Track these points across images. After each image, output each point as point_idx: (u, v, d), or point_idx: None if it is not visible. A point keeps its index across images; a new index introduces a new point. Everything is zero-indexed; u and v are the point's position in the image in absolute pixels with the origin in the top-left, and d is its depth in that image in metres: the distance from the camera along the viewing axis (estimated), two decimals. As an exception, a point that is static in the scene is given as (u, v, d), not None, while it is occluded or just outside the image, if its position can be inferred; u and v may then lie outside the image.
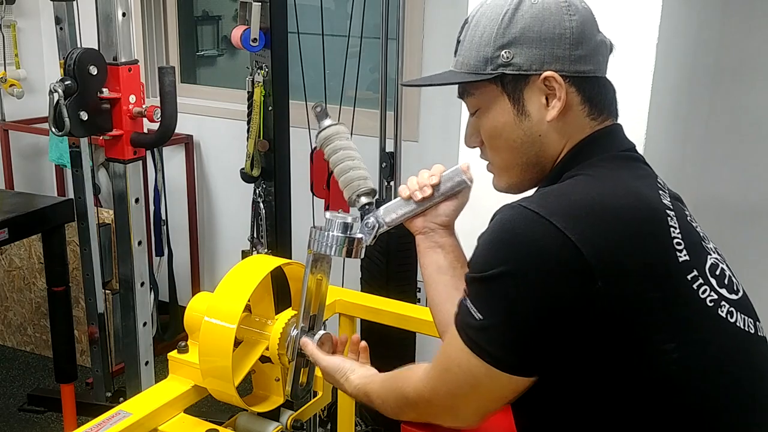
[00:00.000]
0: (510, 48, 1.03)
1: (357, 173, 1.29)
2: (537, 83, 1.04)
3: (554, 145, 1.07)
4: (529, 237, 0.92)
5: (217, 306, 1.30)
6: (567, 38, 1.03)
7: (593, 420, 0.97)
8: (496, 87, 1.06)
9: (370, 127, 2.94)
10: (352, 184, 1.28)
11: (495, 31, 1.04)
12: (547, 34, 1.03)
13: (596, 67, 1.06)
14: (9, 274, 3.67)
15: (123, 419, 1.27)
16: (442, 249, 1.26)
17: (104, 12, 2.08)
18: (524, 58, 1.03)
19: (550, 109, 1.04)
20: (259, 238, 2.61)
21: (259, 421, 1.41)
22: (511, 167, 1.11)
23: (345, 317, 1.80)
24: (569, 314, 0.91)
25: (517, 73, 1.04)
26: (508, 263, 0.93)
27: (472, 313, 0.96)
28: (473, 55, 1.07)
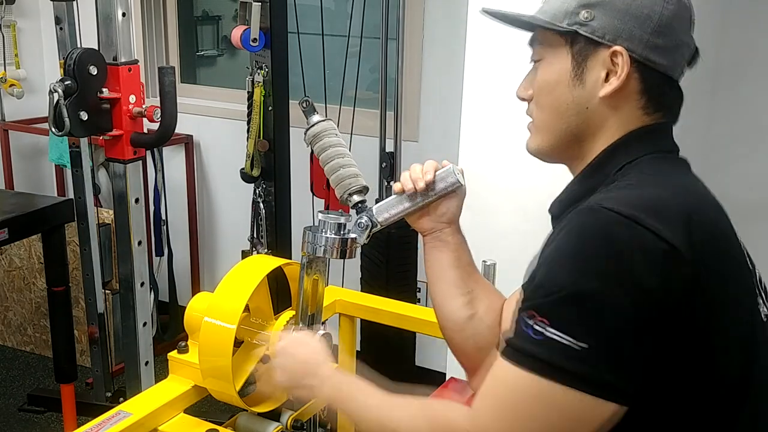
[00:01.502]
0: (592, 9, 0.99)
1: (348, 171, 1.27)
2: (603, 55, 1.00)
3: (597, 124, 1.03)
4: (625, 244, 0.85)
5: (217, 306, 1.30)
6: (652, 22, 0.98)
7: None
8: (565, 43, 1.03)
9: (370, 127, 2.94)
10: (343, 183, 1.26)
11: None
12: (635, 9, 0.98)
13: (669, 64, 1.01)
14: (9, 274, 3.67)
15: (123, 419, 1.27)
16: (446, 247, 1.25)
17: (104, 12, 2.08)
18: (601, 24, 0.99)
19: (606, 86, 1.00)
20: (259, 238, 2.61)
21: (259, 421, 1.41)
22: (549, 129, 1.07)
23: (345, 317, 1.80)
24: (673, 323, 0.86)
25: (589, 36, 1.00)
26: (608, 276, 0.84)
27: (565, 344, 0.84)
28: (558, 4, 1.03)
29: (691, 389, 0.90)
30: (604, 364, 0.84)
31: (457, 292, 1.26)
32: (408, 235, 2.62)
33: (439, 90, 3.13)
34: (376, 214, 1.24)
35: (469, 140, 2.06)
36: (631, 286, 0.84)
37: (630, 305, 0.84)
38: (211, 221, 3.93)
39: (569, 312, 0.85)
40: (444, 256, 1.26)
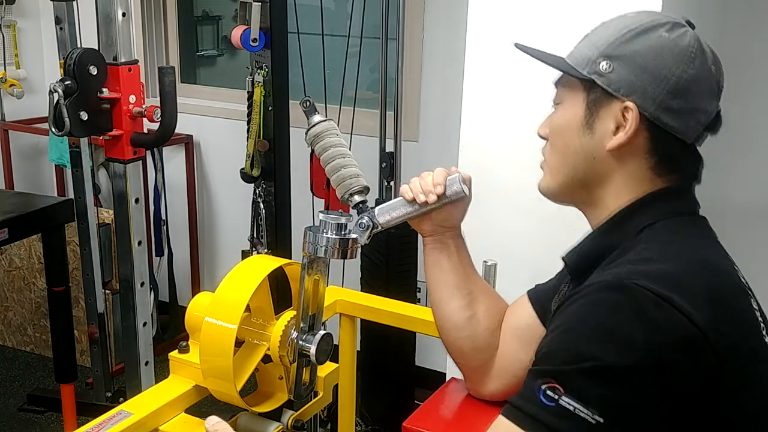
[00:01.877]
0: (613, 61, 1.01)
1: (349, 171, 1.27)
2: (616, 108, 1.01)
3: (604, 175, 1.04)
4: (660, 326, 0.85)
5: (218, 306, 1.30)
6: (668, 83, 0.99)
7: None
8: (583, 89, 1.05)
9: (370, 127, 2.94)
10: (344, 183, 1.26)
11: (612, 40, 1.02)
12: (654, 68, 0.99)
13: (682, 128, 1.00)
14: (9, 274, 3.67)
15: (124, 419, 1.27)
16: (446, 249, 1.27)
17: (104, 12, 2.08)
18: (618, 78, 1.00)
19: (613, 139, 1.01)
20: (259, 238, 2.61)
21: (260, 421, 1.41)
22: (557, 171, 1.09)
23: (345, 317, 1.80)
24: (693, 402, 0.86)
25: (604, 87, 1.01)
26: (638, 355, 0.84)
27: (581, 415, 0.83)
28: (584, 51, 1.05)
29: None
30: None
31: (456, 293, 1.27)
32: (408, 235, 2.62)
33: (439, 90, 3.13)
34: (378, 215, 1.24)
35: (469, 140, 2.06)
36: (660, 369, 0.84)
37: (655, 387, 0.84)
38: (211, 221, 3.93)
39: (590, 384, 0.84)
40: (444, 258, 1.27)
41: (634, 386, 0.83)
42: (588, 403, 0.83)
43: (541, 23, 1.91)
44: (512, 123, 1.98)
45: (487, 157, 2.01)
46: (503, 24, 1.96)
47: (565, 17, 1.88)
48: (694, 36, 1.02)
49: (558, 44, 1.99)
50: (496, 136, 2.01)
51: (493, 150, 2.02)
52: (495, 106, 2.00)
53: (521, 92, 1.96)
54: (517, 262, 1.84)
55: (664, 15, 1.05)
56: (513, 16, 1.94)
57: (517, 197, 1.99)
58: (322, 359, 1.31)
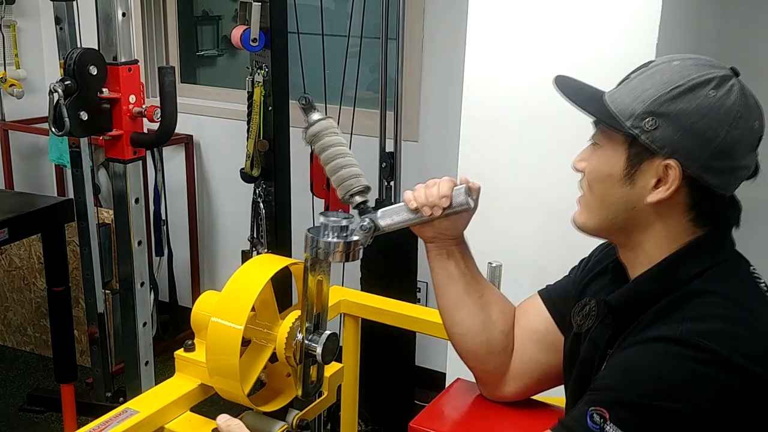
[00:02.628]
0: (658, 118, 1.00)
1: (350, 171, 1.25)
2: (657, 163, 1.01)
3: (644, 225, 1.05)
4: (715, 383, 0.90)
5: (224, 306, 1.30)
6: (713, 146, 0.99)
7: None
8: (624, 141, 1.03)
9: (370, 127, 2.94)
10: (345, 183, 1.24)
11: (658, 95, 1.00)
12: (699, 129, 0.98)
13: (722, 185, 1.02)
14: (9, 274, 3.67)
15: (130, 417, 1.27)
16: (452, 257, 1.26)
17: (104, 12, 2.07)
18: (662, 136, 1.00)
19: (654, 193, 1.02)
20: (259, 238, 2.61)
21: (266, 420, 1.41)
22: (596, 213, 1.09)
23: (349, 317, 1.80)
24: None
25: (648, 144, 1.01)
26: (688, 404, 0.90)
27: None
28: (627, 101, 1.03)
29: None
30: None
31: (468, 299, 1.27)
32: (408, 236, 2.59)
33: (439, 90, 3.13)
34: (380, 218, 1.23)
35: (469, 140, 2.06)
36: (707, 420, 0.89)
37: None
38: (211, 221, 3.93)
39: (635, 418, 0.91)
40: (451, 265, 1.26)
41: (679, 427, 0.89)
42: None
43: (541, 23, 1.91)
44: (512, 123, 1.98)
45: (487, 157, 2.01)
46: (503, 24, 1.96)
47: (565, 17, 1.89)
48: (739, 90, 1.01)
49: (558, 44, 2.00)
50: (496, 137, 2.01)
51: (493, 150, 2.02)
52: (495, 106, 2.00)
53: (521, 92, 1.96)
54: (521, 263, 1.84)
55: (711, 65, 1.03)
56: (513, 16, 1.94)
57: (517, 197, 1.99)
58: (328, 359, 1.31)
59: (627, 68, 1.79)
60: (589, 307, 1.18)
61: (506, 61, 1.97)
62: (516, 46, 1.95)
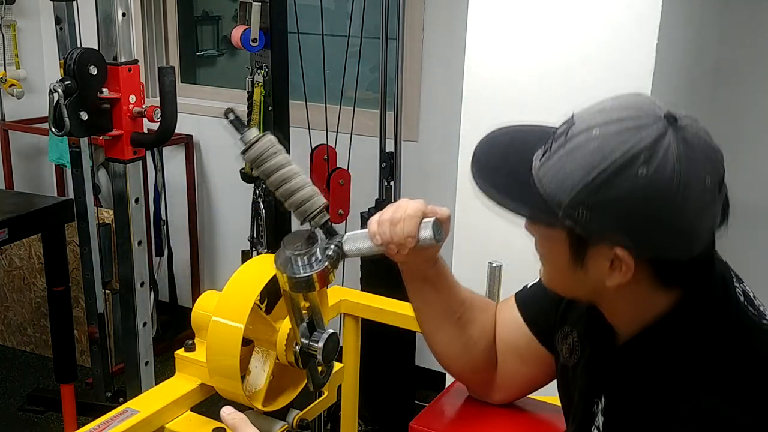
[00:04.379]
0: (588, 211, 0.85)
1: (302, 194, 1.14)
2: (605, 248, 0.87)
3: (611, 302, 0.96)
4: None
5: (225, 305, 1.30)
6: (662, 226, 0.84)
7: None
8: (562, 231, 0.90)
9: (370, 127, 2.94)
10: (301, 209, 1.15)
11: (584, 183, 0.84)
12: (639, 216, 0.83)
13: (687, 252, 0.87)
14: (9, 274, 3.67)
15: (130, 417, 1.27)
16: (427, 282, 1.19)
17: (104, 12, 2.08)
18: (600, 226, 0.86)
19: (611, 277, 0.89)
20: (259, 238, 2.61)
21: (266, 420, 1.41)
22: (558, 287, 1.03)
23: (349, 317, 1.80)
24: None
25: (586, 236, 0.88)
26: None
27: None
28: (552, 187, 0.88)
29: None
30: None
31: (446, 322, 1.23)
32: (408, 235, 2.61)
33: (439, 90, 3.13)
34: (345, 242, 1.14)
35: (469, 140, 2.05)
36: None
37: None
38: (211, 221, 3.93)
39: None
40: (426, 289, 1.20)
41: None
42: None
43: (541, 23, 1.91)
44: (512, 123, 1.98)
45: (487, 157, 2.01)
46: (503, 24, 1.96)
47: (565, 17, 1.89)
48: (676, 150, 0.83)
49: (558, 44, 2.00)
50: (496, 136, 2.00)
51: (494, 150, 2.01)
52: (495, 106, 2.00)
53: (521, 92, 1.96)
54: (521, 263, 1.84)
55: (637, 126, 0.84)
56: (513, 16, 1.94)
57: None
58: (329, 359, 1.31)
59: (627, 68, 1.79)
60: (572, 339, 1.11)
61: (506, 61, 1.97)
62: (516, 46, 1.95)
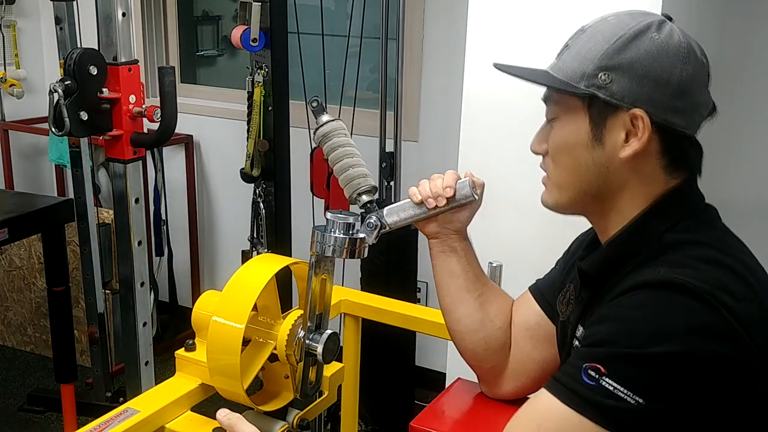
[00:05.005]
0: (611, 72, 0.99)
1: (357, 171, 1.27)
2: (623, 116, 1.00)
3: (619, 184, 1.04)
4: (704, 320, 0.88)
5: (225, 305, 1.30)
6: (671, 86, 0.99)
7: None
8: (582, 105, 1.02)
9: (370, 127, 2.94)
10: (352, 183, 1.26)
11: (604, 50, 1.00)
12: (654, 74, 0.98)
13: (688, 124, 1.02)
14: (9, 274, 3.67)
15: (130, 416, 1.27)
16: (455, 253, 1.26)
17: (104, 12, 2.08)
18: (621, 88, 0.99)
19: (626, 147, 1.00)
20: (259, 238, 2.61)
21: (266, 420, 1.41)
22: (567, 188, 1.07)
23: (350, 317, 1.80)
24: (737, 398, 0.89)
25: (607, 99, 0.99)
26: (681, 344, 0.87)
27: (621, 397, 0.87)
28: (574, 66, 1.02)
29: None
30: (652, 422, 0.87)
31: (468, 296, 1.26)
32: (408, 235, 2.62)
33: (439, 90, 3.13)
34: (386, 215, 1.24)
35: (469, 140, 2.06)
36: (700, 359, 0.87)
37: (695, 375, 0.87)
38: (211, 221, 3.93)
39: (631, 369, 0.88)
40: (453, 261, 1.26)
41: (675, 374, 0.86)
42: (628, 385, 0.87)
43: (541, 23, 1.91)
44: (512, 123, 1.98)
45: (487, 157, 2.01)
46: (503, 24, 1.96)
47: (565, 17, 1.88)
48: (679, 31, 1.02)
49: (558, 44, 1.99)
50: (496, 137, 2.01)
51: (493, 150, 2.02)
52: (495, 106, 2.00)
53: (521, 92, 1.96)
54: (521, 263, 1.84)
55: (644, 13, 1.03)
56: (513, 15, 1.94)
57: (517, 197, 1.99)
58: (328, 358, 1.31)
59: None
60: (569, 293, 1.17)
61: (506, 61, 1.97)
62: (516, 46, 1.95)
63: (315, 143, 1.34)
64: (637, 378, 0.87)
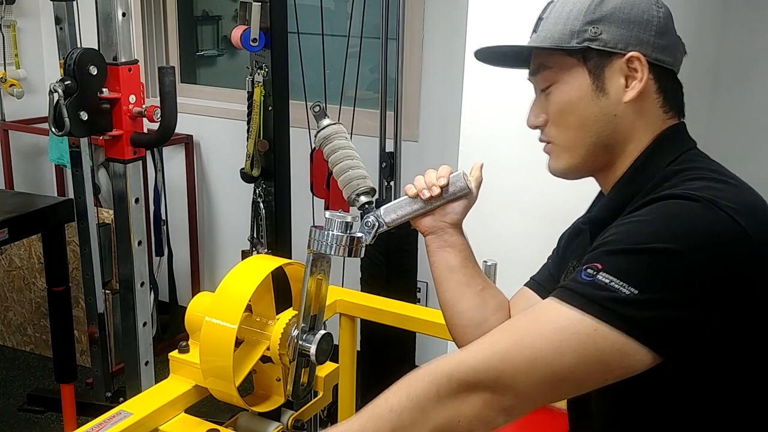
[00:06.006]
0: (598, 24, 1.04)
1: (356, 172, 1.29)
2: (619, 63, 1.05)
3: (627, 129, 1.07)
4: (707, 221, 0.90)
5: (218, 306, 1.30)
6: (654, 25, 1.05)
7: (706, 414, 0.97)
8: (578, 61, 1.07)
9: (370, 127, 2.94)
10: (351, 184, 1.28)
11: (586, 7, 1.05)
12: (636, 17, 1.04)
13: (674, 61, 1.08)
14: (9, 274, 3.67)
15: (124, 419, 1.27)
16: (452, 248, 1.26)
17: (104, 12, 2.08)
18: (611, 36, 1.04)
19: (629, 90, 1.05)
20: (259, 238, 2.61)
21: (260, 421, 1.41)
22: (577, 146, 1.09)
23: (346, 317, 1.80)
24: (734, 302, 0.90)
25: (602, 48, 1.05)
26: (681, 241, 0.88)
27: (615, 288, 0.88)
28: (559, 29, 1.08)
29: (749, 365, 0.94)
30: (647, 311, 0.87)
31: (468, 291, 1.27)
32: (408, 235, 2.62)
33: (439, 90, 3.13)
34: (384, 214, 1.25)
35: (469, 140, 2.06)
36: (700, 256, 0.88)
37: (692, 272, 0.88)
38: (211, 221, 3.93)
39: (626, 261, 0.90)
40: (451, 256, 1.26)
41: (671, 267, 0.88)
42: (622, 277, 0.88)
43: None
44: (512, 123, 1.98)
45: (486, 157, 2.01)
46: (503, 24, 1.96)
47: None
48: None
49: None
50: (496, 136, 2.01)
51: (493, 150, 2.02)
52: (495, 106, 2.00)
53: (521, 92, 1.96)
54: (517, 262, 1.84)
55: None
56: (513, 15, 1.94)
57: (516, 197, 1.99)
58: (321, 359, 1.31)
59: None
60: (572, 266, 1.18)
61: (506, 61, 1.97)
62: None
63: (316, 146, 1.35)
64: (633, 269, 0.88)
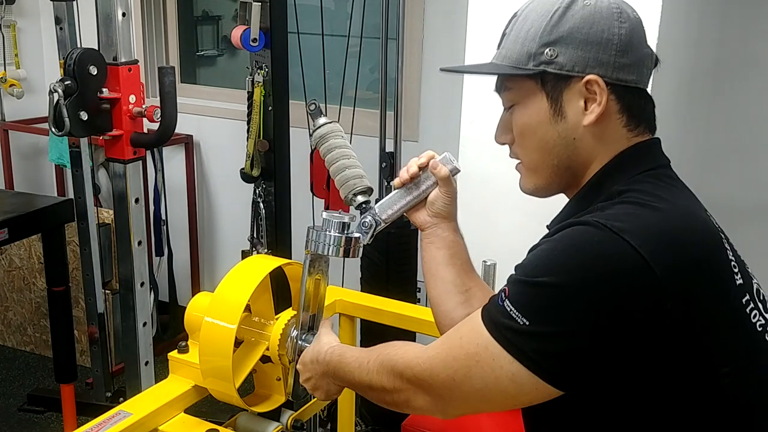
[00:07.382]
0: (555, 46, 1.02)
1: (353, 172, 1.29)
2: (578, 86, 1.02)
3: (588, 151, 1.05)
4: (603, 252, 0.89)
5: (217, 306, 1.30)
6: (614, 44, 1.01)
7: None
8: (536, 84, 1.05)
9: (370, 127, 2.94)
10: (348, 183, 1.28)
11: (542, 28, 1.03)
12: (595, 37, 1.01)
13: (639, 78, 1.04)
14: (9, 274, 3.67)
15: (123, 419, 1.27)
16: (441, 243, 1.27)
17: (104, 12, 2.08)
18: (568, 58, 1.02)
19: (588, 114, 1.02)
20: (259, 238, 2.61)
21: (260, 421, 1.41)
22: (540, 168, 1.09)
23: (345, 317, 1.80)
24: (632, 333, 0.88)
25: (558, 72, 1.02)
26: (572, 274, 0.89)
27: (513, 317, 0.91)
28: (517, 49, 1.06)
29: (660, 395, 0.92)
30: (537, 342, 0.90)
31: (454, 290, 1.27)
32: (408, 235, 2.62)
33: (439, 90, 3.13)
34: (379, 212, 1.26)
35: (469, 140, 2.06)
36: (605, 293, 0.88)
37: (594, 309, 0.88)
38: (211, 221, 3.93)
39: (522, 293, 0.93)
40: (440, 252, 1.27)
41: (559, 301, 0.89)
42: (518, 307, 0.92)
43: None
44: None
45: (486, 157, 2.01)
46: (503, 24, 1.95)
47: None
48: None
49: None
50: (496, 136, 2.01)
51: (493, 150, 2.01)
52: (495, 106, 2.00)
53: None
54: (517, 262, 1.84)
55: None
56: (513, 16, 1.94)
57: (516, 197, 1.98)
58: None
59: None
60: None
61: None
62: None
63: (312, 145, 1.35)
64: (526, 301, 0.91)
